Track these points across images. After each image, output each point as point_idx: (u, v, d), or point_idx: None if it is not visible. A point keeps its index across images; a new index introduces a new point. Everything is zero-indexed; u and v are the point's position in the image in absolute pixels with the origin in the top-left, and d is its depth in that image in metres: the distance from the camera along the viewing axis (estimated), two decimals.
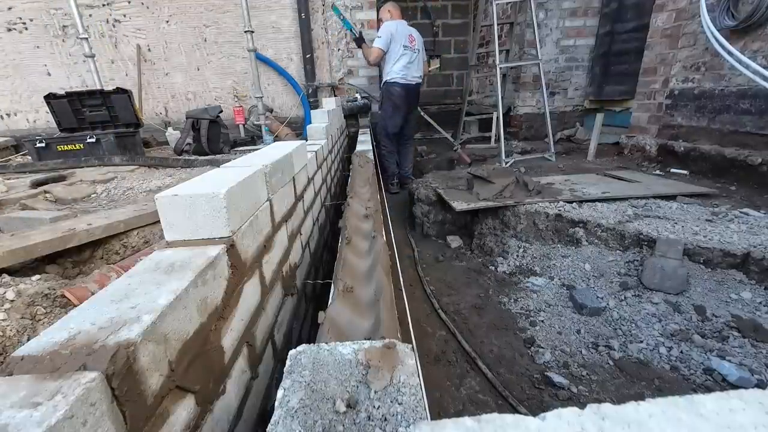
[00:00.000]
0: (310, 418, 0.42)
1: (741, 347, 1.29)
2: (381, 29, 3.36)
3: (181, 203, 0.66)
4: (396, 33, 3.30)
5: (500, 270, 2.04)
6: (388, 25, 3.33)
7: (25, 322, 1.00)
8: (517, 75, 4.64)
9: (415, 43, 3.41)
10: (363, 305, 0.83)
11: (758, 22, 2.30)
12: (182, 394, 0.50)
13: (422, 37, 3.54)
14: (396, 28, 3.31)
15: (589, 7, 4.32)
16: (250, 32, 3.80)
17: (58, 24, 4.33)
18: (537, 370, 1.35)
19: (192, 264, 0.58)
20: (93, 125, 3.41)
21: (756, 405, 0.32)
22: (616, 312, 1.54)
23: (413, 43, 3.40)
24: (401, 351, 0.50)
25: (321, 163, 1.81)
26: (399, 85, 3.38)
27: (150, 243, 1.56)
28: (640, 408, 0.32)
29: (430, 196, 2.65)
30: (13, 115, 4.66)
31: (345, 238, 1.16)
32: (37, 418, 0.31)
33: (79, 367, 0.37)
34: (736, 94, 2.53)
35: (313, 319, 1.41)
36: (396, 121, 3.54)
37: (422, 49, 3.52)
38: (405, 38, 3.34)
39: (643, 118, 3.40)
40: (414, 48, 3.39)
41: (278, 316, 0.96)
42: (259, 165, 0.89)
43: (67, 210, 1.89)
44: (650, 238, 1.73)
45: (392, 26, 3.31)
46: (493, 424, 0.31)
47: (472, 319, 1.67)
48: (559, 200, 2.19)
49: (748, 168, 2.39)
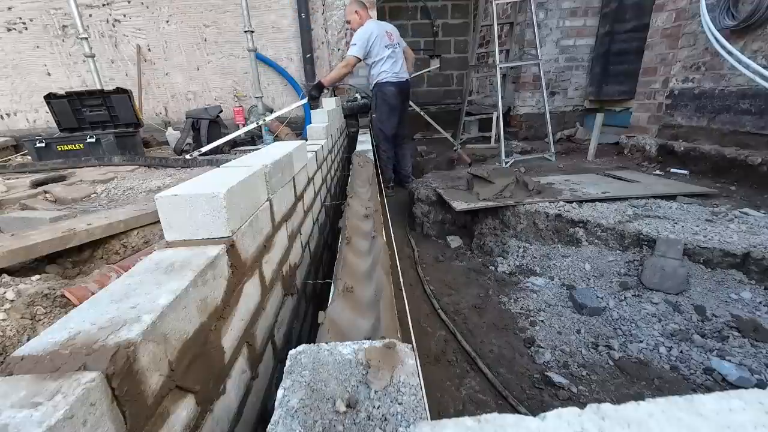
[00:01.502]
0: (310, 417, 0.42)
1: (741, 347, 1.29)
2: (356, 36, 3.24)
3: (181, 203, 0.66)
4: (373, 36, 3.20)
5: (500, 270, 2.04)
6: (363, 31, 3.22)
7: (25, 322, 1.00)
8: (517, 75, 4.64)
9: (393, 37, 3.33)
10: (363, 305, 0.83)
11: (758, 22, 2.30)
12: (182, 394, 0.50)
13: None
14: (371, 31, 3.21)
15: (589, 7, 4.32)
16: (250, 32, 3.79)
17: (58, 24, 4.33)
18: (537, 369, 1.35)
19: (192, 264, 0.58)
20: (93, 125, 3.41)
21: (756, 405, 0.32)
22: (616, 312, 1.54)
23: (392, 39, 3.32)
24: (401, 351, 0.50)
25: (321, 163, 1.81)
26: (391, 83, 3.33)
27: (150, 243, 1.56)
28: (639, 408, 0.32)
29: (430, 196, 2.65)
30: (12, 115, 4.66)
31: (345, 238, 1.16)
32: (37, 418, 0.31)
33: (79, 367, 0.37)
34: (736, 94, 2.53)
35: (313, 319, 1.42)
36: (393, 122, 3.50)
37: (400, 40, 3.44)
38: (384, 38, 3.25)
39: (643, 118, 3.40)
40: (394, 43, 3.32)
41: (278, 316, 0.96)
42: (259, 165, 0.89)
43: (67, 210, 1.89)
44: (650, 238, 1.73)
45: (367, 30, 3.21)
46: (493, 423, 0.31)
47: (472, 319, 1.67)
48: (559, 200, 2.19)
49: (748, 168, 2.39)
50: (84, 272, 1.44)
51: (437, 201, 2.61)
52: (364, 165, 2.20)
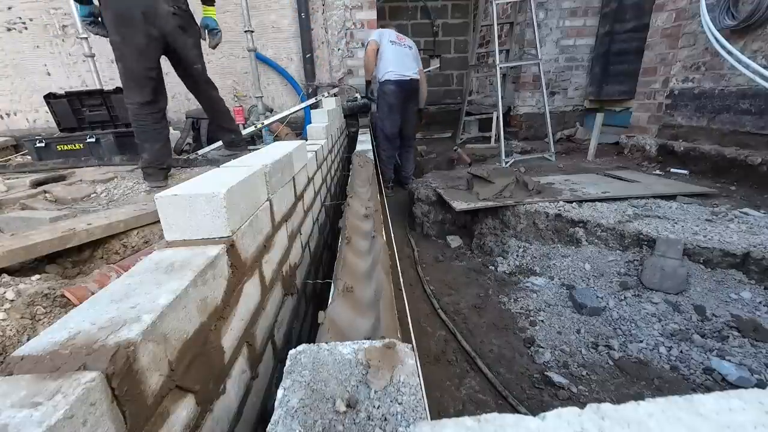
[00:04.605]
0: (310, 417, 0.42)
1: (741, 347, 1.29)
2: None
3: (181, 203, 0.66)
4: (382, 31, 3.47)
5: (500, 270, 2.04)
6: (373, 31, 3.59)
7: (24, 322, 1.00)
8: (517, 75, 4.64)
9: (404, 40, 3.50)
10: (363, 305, 0.83)
11: (758, 22, 2.30)
12: (182, 393, 0.50)
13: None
14: (381, 30, 3.51)
15: (589, 6, 4.31)
16: (250, 32, 3.79)
17: (58, 24, 4.33)
18: (537, 369, 1.35)
19: (192, 264, 0.58)
20: (93, 125, 3.40)
21: (756, 405, 0.32)
22: (616, 312, 1.54)
23: (402, 40, 3.48)
24: (401, 351, 0.50)
25: (321, 163, 1.81)
26: (391, 82, 3.35)
27: (150, 243, 1.56)
28: (639, 408, 0.32)
29: (430, 196, 2.65)
30: (12, 115, 4.66)
31: (345, 237, 1.16)
32: (37, 417, 0.31)
33: (79, 367, 0.37)
34: (736, 94, 2.53)
35: (313, 319, 1.42)
36: (393, 120, 3.48)
37: (414, 49, 3.57)
38: (392, 35, 3.46)
39: (643, 118, 3.40)
40: (403, 44, 3.45)
41: (278, 315, 0.96)
42: (259, 165, 0.89)
43: (67, 210, 1.89)
44: (650, 238, 1.73)
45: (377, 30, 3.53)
46: (493, 423, 0.31)
47: (472, 319, 1.68)
48: (559, 200, 2.19)
49: (748, 168, 2.39)
50: (84, 272, 1.44)
51: (437, 201, 2.61)
52: (364, 165, 2.20)
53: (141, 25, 2.03)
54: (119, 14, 2.00)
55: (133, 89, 2.13)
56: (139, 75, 2.10)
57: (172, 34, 2.18)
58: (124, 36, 2.03)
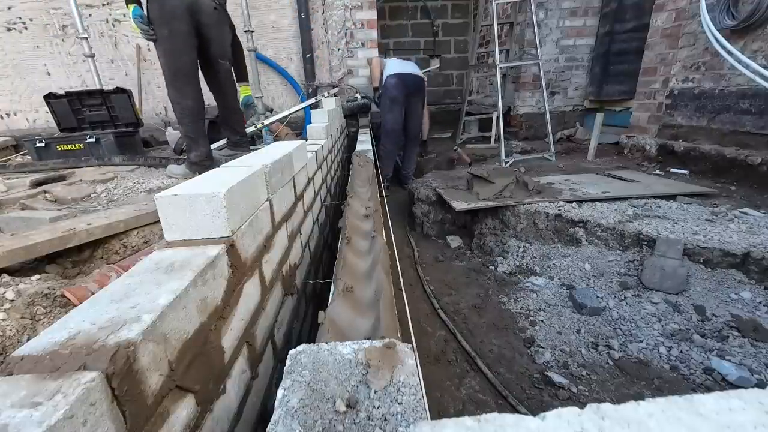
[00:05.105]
0: (310, 417, 0.42)
1: (741, 347, 1.29)
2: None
3: (181, 203, 0.66)
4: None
5: (500, 270, 2.04)
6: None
7: (24, 322, 1.00)
8: (517, 75, 4.64)
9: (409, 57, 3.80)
10: (363, 305, 0.83)
11: (758, 22, 2.30)
12: (182, 393, 0.50)
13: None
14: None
15: (589, 6, 4.31)
16: (250, 32, 3.79)
17: (58, 24, 4.33)
18: (537, 369, 1.35)
19: (192, 264, 0.58)
20: (93, 125, 3.40)
21: (756, 405, 0.32)
22: (616, 312, 1.54)
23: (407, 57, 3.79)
24: (401, 351, 0.50)
25: (321, 163, 1.81)
26: (393, 76, 3.38)
27: (150, 243, 1.56)
28: (639, 408, 0.32)
29: (430, 196, 2.65)
30: (12, 115, 4.66)
31: (345, 237, 1.16)
32: (37, 417, 0.31)
33: (79, 367, 0.37)
34: (736, 94, 2.53)
35: (313, 319, 1.42)
36: (395, 114, 3.44)
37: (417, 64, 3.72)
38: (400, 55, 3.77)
39: (643, 118, 3.40)
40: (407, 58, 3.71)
41: (278, 315, 0.96)
42: (259, 165, 0.89)
43: (67, 210, 1.89)
44: (650, 238, 1.73)
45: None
46: (493, 423, 0.31)
47: (472, 319, 1.68)
48: (559, 200, 2.19)
49: (748, 168, 2.39)
50: (84, 272, 1.44)
51: (437, 201, 2.61)
52: (364, 165, 2.20)
53: (186, 17, 2.09)
54: (166, 8, 2.06)
55: (181, 87, 2.20)
56: (185, 68, 2.18)
57: (213, 27, 2.26)
58: (172, 29, 2.08)
